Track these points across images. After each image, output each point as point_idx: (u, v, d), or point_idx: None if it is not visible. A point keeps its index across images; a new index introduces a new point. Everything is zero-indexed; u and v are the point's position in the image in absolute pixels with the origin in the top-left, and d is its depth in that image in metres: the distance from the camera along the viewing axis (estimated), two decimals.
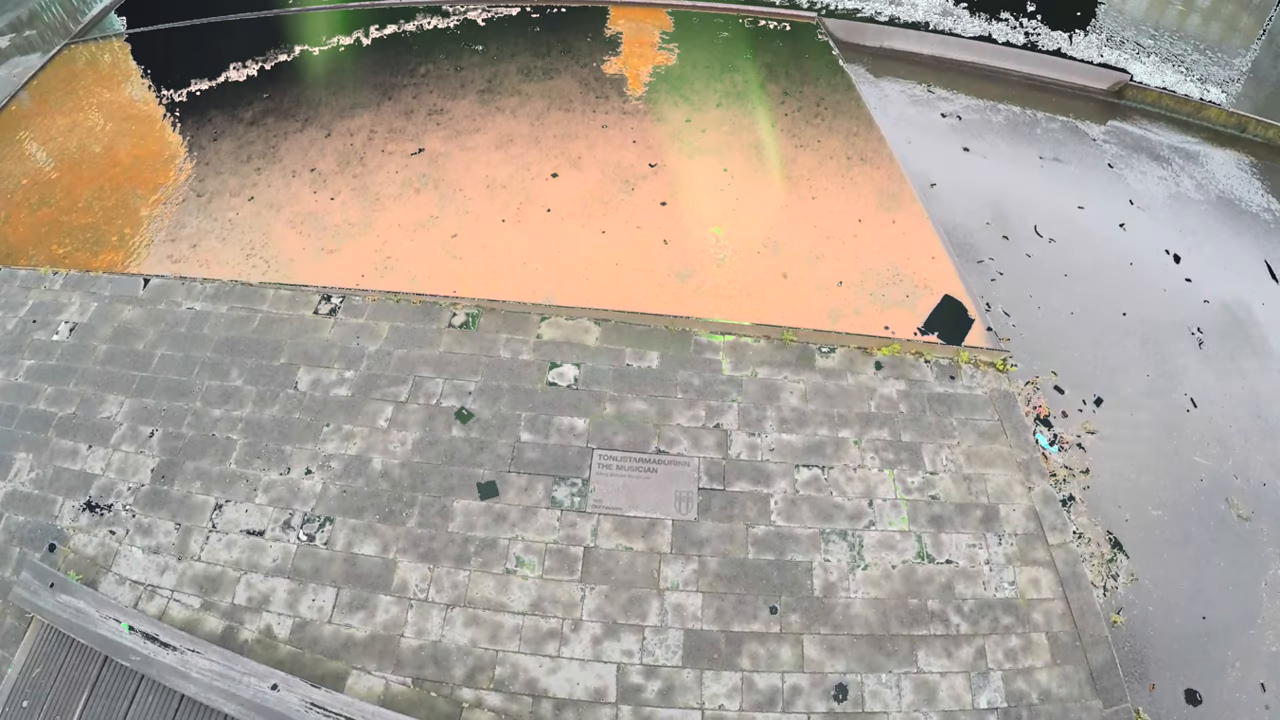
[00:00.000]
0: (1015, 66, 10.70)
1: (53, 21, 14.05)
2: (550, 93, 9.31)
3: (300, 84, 9.98)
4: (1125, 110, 10.39)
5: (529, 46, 10.26)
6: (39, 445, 6.04)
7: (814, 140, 8.73)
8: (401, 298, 6.62)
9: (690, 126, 8.75)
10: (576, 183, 7.90)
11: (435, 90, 9.43)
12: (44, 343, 6.77)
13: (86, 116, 10.25)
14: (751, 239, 7.28)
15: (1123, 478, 5.97)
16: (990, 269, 7.47)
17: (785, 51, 10.31)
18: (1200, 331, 7.14)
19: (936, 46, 10.78)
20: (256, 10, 11.99)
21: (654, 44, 10.61)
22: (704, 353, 6.25)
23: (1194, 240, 8.22)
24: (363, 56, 10.48)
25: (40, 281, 7.37)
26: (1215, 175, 9.47)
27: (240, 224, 7.70)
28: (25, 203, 8.64)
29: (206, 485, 5.63)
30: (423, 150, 8.39)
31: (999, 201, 8.32)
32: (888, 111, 9.43)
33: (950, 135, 9.32)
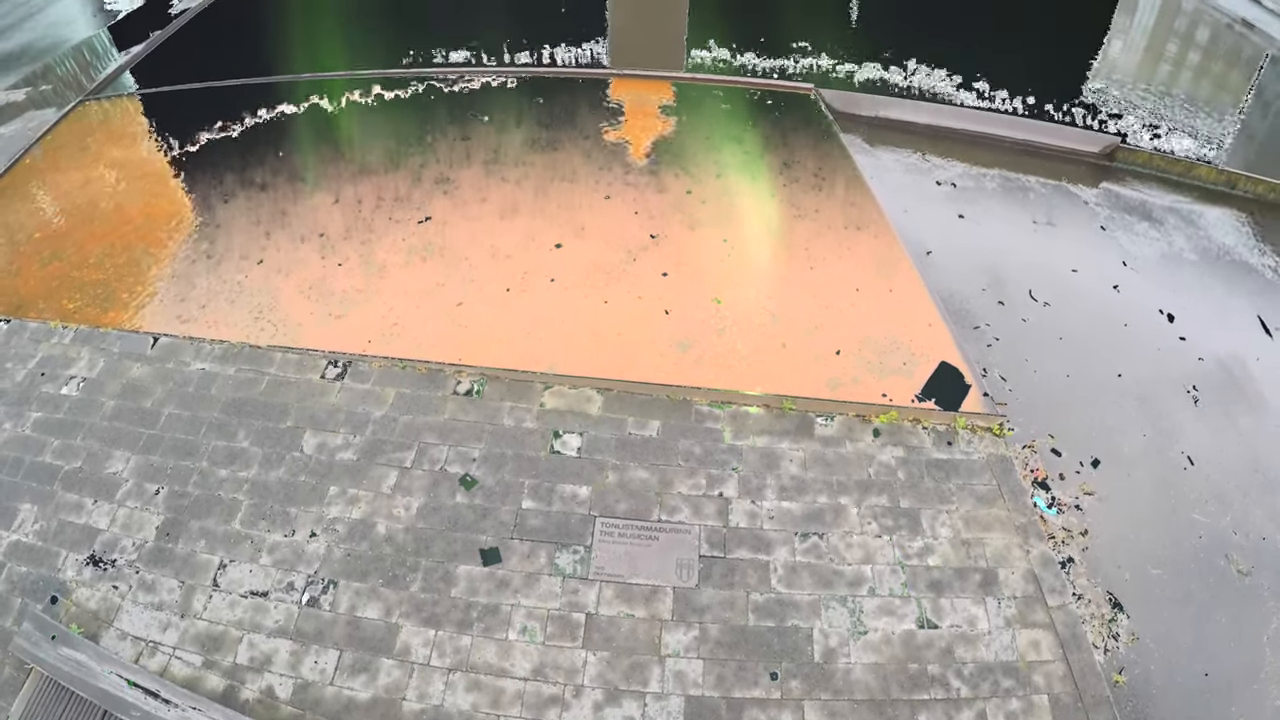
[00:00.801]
0: (1008, 133, 10.97)
1: (67, 77, 14.33)
2: (554, 163, 9.56)
3: (310, 149, 10.23)
4: (1117, 172, 10.66)
5: (534, 117, 10.55)
6: (44, 498, 6.11)
7: (812, 210, 8.96)
8: (407, 364, 6.75)
9: (690, 198, 8.98)
10: (580, 253, 8.10)
11: (442, 159, 9.68)
12: (52, 396, 6.87)
13: (99, 173, 10.45)
14: (751, 309, 7.45)
15: (1121, 538, 6.05)
16: (986, 335, 7.63)
17: (783, 122, 10.62)
18: (1196, 389, 7.28)
19: (930, 115, 11.08)
20: (269, 75, 12.30)
21: (655, 115, 10.91)
22: (705, 422, 6.39)
23: (1187, 299, 8.40)
24: (372, 124, 10.76)
25: (50, 335, 7.48)
26: (1207, 233, 9.67)
27: (249, 287, 7.86)
28: (37, 256, 8.78)
29: (211, 544, 5.70)
30: (429, 219, 8.60)
31: (994, 267, 8.51)
32: (884, 180, 9.66)
33: (945, 203, 9.56)
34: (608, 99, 11.26)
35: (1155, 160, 10.74)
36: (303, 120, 11.07)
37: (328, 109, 11.17)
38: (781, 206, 8.97)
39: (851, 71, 12.54)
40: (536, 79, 11.60)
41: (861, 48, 14.22)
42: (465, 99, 11.02)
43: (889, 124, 11.01)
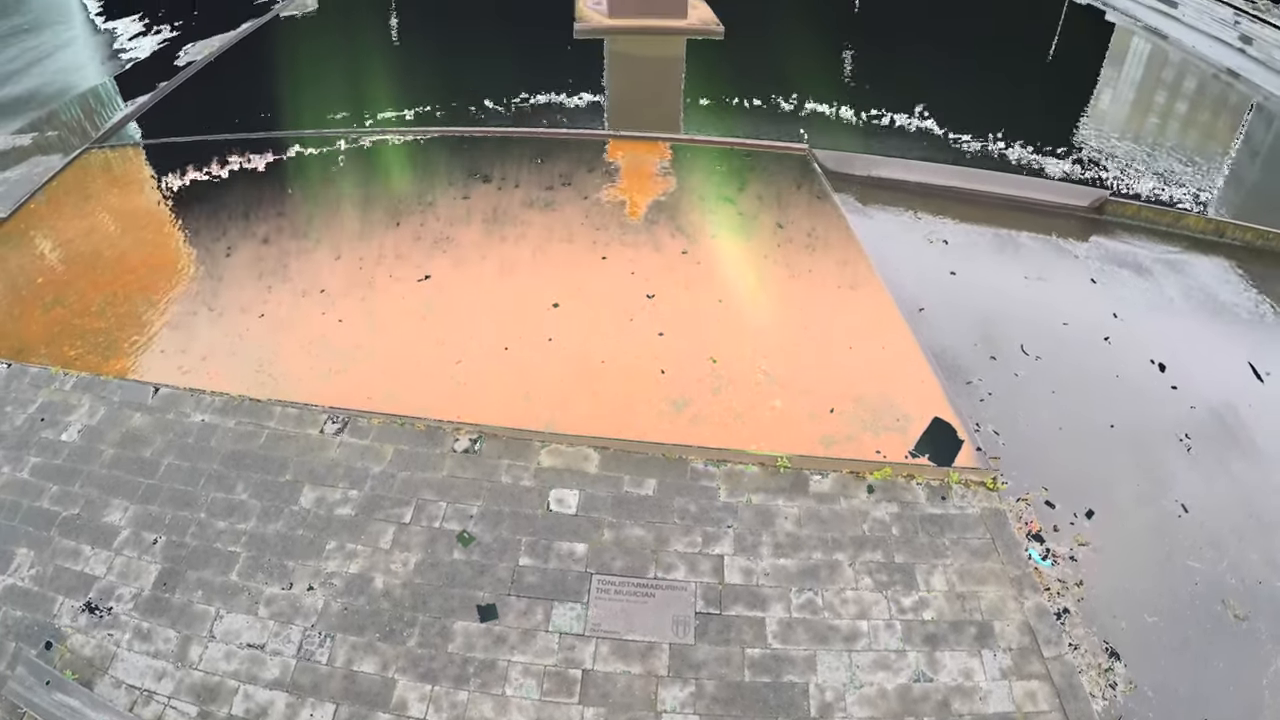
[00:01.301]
0: (999, 189, 11.25)
1: (73, 124, 14.54)
2: (552, 223, 9.77)
3: (314, 205, 10.41)
4: (1106, 225, 10.91)
5: (533, 177, 10.78)
6: (41, 543, 6.14)
7: (805, 270, 9.16)
8: (406, 421, 6.84)
9: (686, 258, 9.18)
10: (577, 313, 8.25)
11: (442, 218, 9.88)
12: (51, 441, 6.92)
13: (103, 221, 10.59)
14: (746, 368, 7.59)
15: (1117, 587, 6.10)
16: (979, 389, 7.77)
17: (777, 182, 10.89)
18: (1188, 437, 7.40)
19: (922, 174, 11.36)
20: (273, 129, 12.51)
21: (652, 176, 11.16)
22: (700, 480, 6.49)
23: (1178, 348, 8.57)
24: (374, 182, 10.96)
25: (50, 381, 7.56)
26: (1197, 282, 9.87)
27: (250, 340, 7.97)
28: (39, 301, 8.89)
29: (208, 595, 5.74)
30: (429, 277, 8.76)
31: (986, 322, 8.69)
32: (876, 239, 9.88)
33: (937, 260, 9.78)
34: (605, 159, 11.51)
35: (1144, 212, 10.98)
36: (305, 175, 11.27)
37: (331, 165, 11.38)
38: (775, 266, 9.17)
39: (845, 131, 12.86)
40: (536, 139, 11.86)
41: (854, 108, 14.61)
42: (466, 159, 11.24)
43: (881, 183, 11.29)
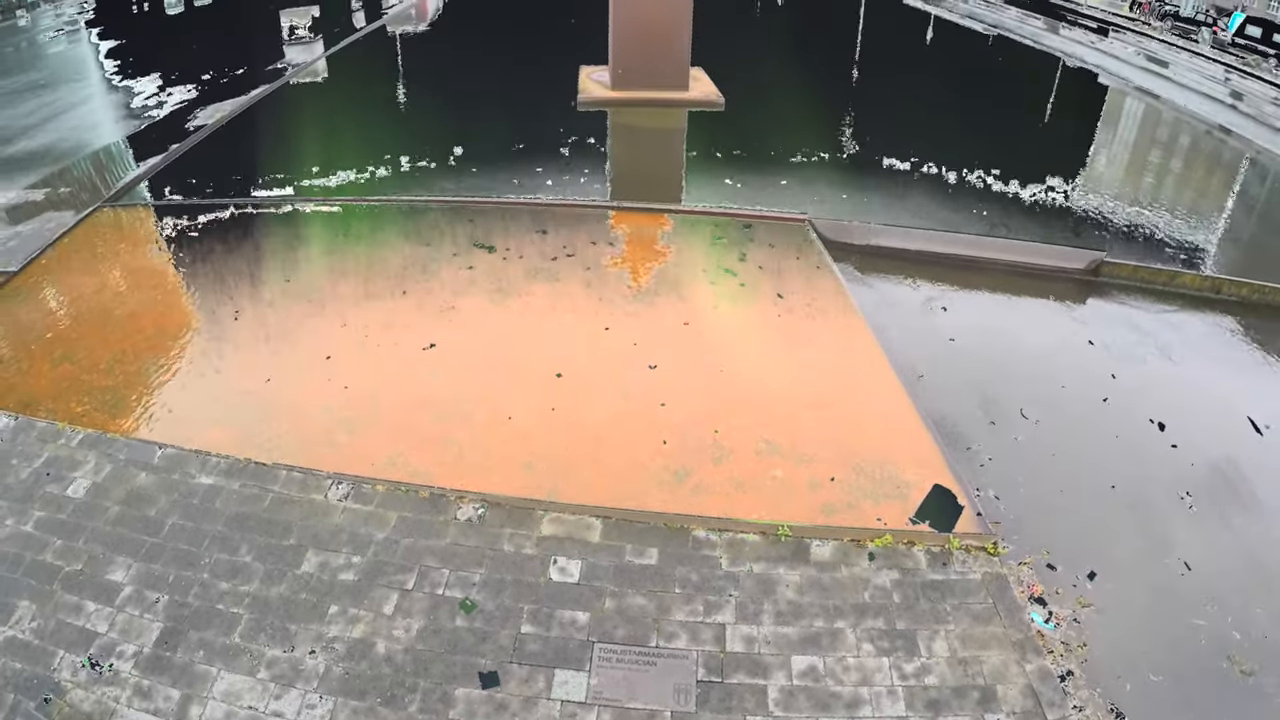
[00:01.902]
0: (996, 255, 11.53)
1: (86, 181, 14.78)
2: (556, 293, 9.95)
3: (320, 270, 10.58)
4: (1103, 286, 11.20)
5: (536, 247, 10.98)
6: (43, 596, 6.15)
7: (806, 340, 9.34)
8: (409, 489, 6.92)
9: (688, 329, 9.34)
10: (580, 383, 8.38)
11: (447, 286, 10.06)
12: (56, 496, 6.97)
13: (113, 279, 10.75)
14: (747, 438, 7.69)
15: (1121, 648, 6.11)
16: (979, 455, 7.88)
17: (777, 252, 11.12)
18: (1189, 495, 7.52)
19: (920, 241, 11.64)
20: (283, 195, 12.74)
21: (654, 246, 11.39)
22: (702, 549, 6.55)
23: (1177, 406, 8.71)
24: (380, 248, 11.16)
25: (57, 436, 7.63)
26: (1194, 339, 10.14)
27: (256, 404, 8.07)
28: (48, 356, 9.01)
29: (209, 656, 5.76)
30: (434, 345, 8.90)
31: (985, 388, 8.85)
32: (876, 308, 10.09)
33: (936, 327, 10.00)
34: (608, 230, 11.74)
35: (1140, 272, 11.26)
36: (312, 241, 11.47)
37: (338, 231, 11.59)
38: (776, 337, 9.33)
39: (843, 198, 13.11)
40: (539, 208, 12.08)
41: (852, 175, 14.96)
42: (470, 227, 11.44)
43: (880, 251, 11.55)
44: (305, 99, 21.20)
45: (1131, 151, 21.36)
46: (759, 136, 17.22)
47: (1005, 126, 20.68)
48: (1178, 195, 16.64)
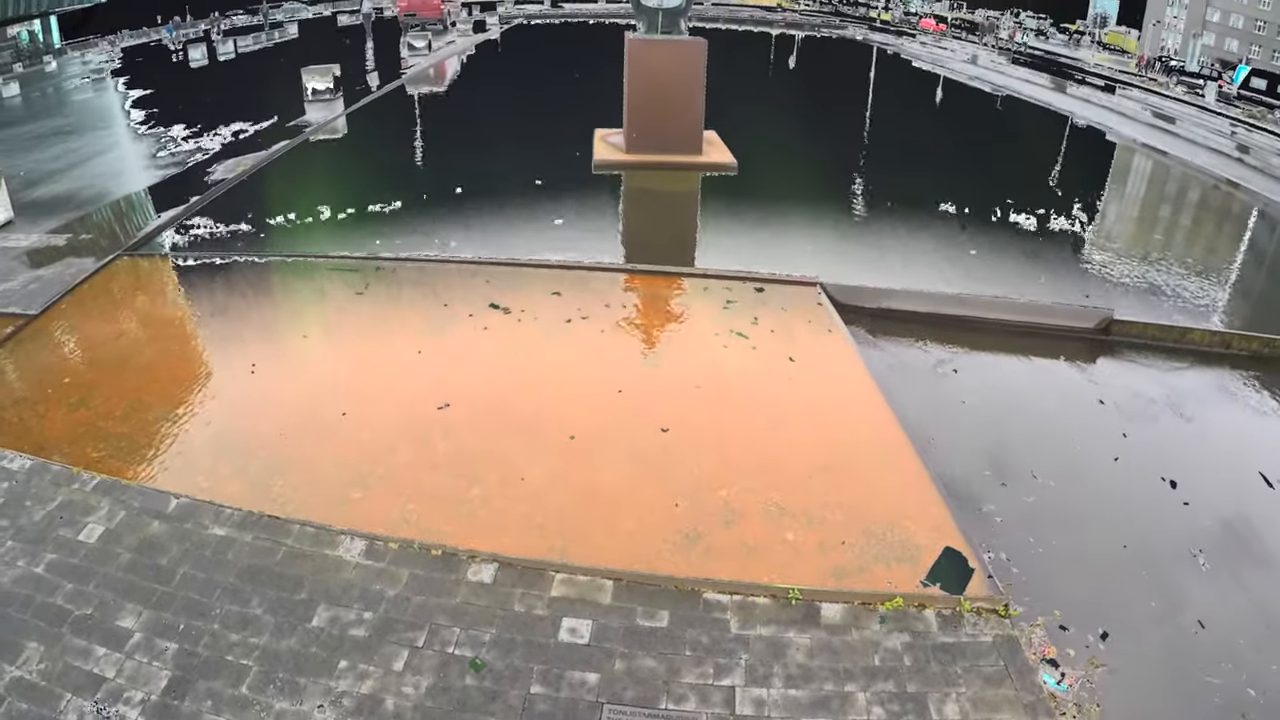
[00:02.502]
0: (1006, 316, 11.60)
1: (106, 228, 14.99)
2: (570, 356, 10.05)
3: (336, 327, 10.70)
4: (1113, 345, 11.26)
5: (551, 309, 11.09)
6: (51, 639, 6.14)
7: (817, 403, 9.38)
8: (422, 547, 6.93)
9: (700, 392, 9.40)
10: (593, 446, 8.42)
11: (462, 347, 10.20)
12: (68, 540, 7.00)
13: (131, 327, 10.89)
14: (758, 501, 7.71)
15: (1135, 708, 6.07)
16: (990, 517, 7.87)
17: (789, 315, 11.22)
18: (1201, 553, 7.49)
19: (930, 304, 11.72)
20: (299, 251, 12.89)
21: (667, 309, 11.51)
22: (712, 612, 6.54)
23: (1188, 463, 8.77)
24: (396, 306, 11.29)
25: (71, 480, 7.67)
26: (1204, 395, 10.18)
27: (272, 459, 8.11)
28: (64, 401, 9.10)
29: (217, 706, 5.74)
30: (448, 405, 8.95)
31: (996, 450, 8.88)
32: (887, 371, 10.13)
33: (947, 389, 10.06)
34: (622, 292, 11.86)
35: (1149, 330, 11.33)
36: (329, 297, 11.58)
37: (356, 289, 11.70)
38: (788, 400, 9.36)
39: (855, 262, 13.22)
40: (554, 270, 12.21)
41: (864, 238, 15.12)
42: (485, 288, 11.56)
43: (891, 314, 11.63)
44: (324, 155, 21.56)
45: (1140, 208, 21.65)
46: (772, 198, 17.45)
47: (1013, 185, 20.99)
48: (1186, 251, 16.84)
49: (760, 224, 15.63)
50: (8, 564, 6.83)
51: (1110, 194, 22.50)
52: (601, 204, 16.71)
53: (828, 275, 12.06)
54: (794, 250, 14.09)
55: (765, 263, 12.58)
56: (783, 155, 21.47)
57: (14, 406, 9.18)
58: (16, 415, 8.98)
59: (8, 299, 11.71)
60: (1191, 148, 28.28)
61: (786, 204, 17.18)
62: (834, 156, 22.12)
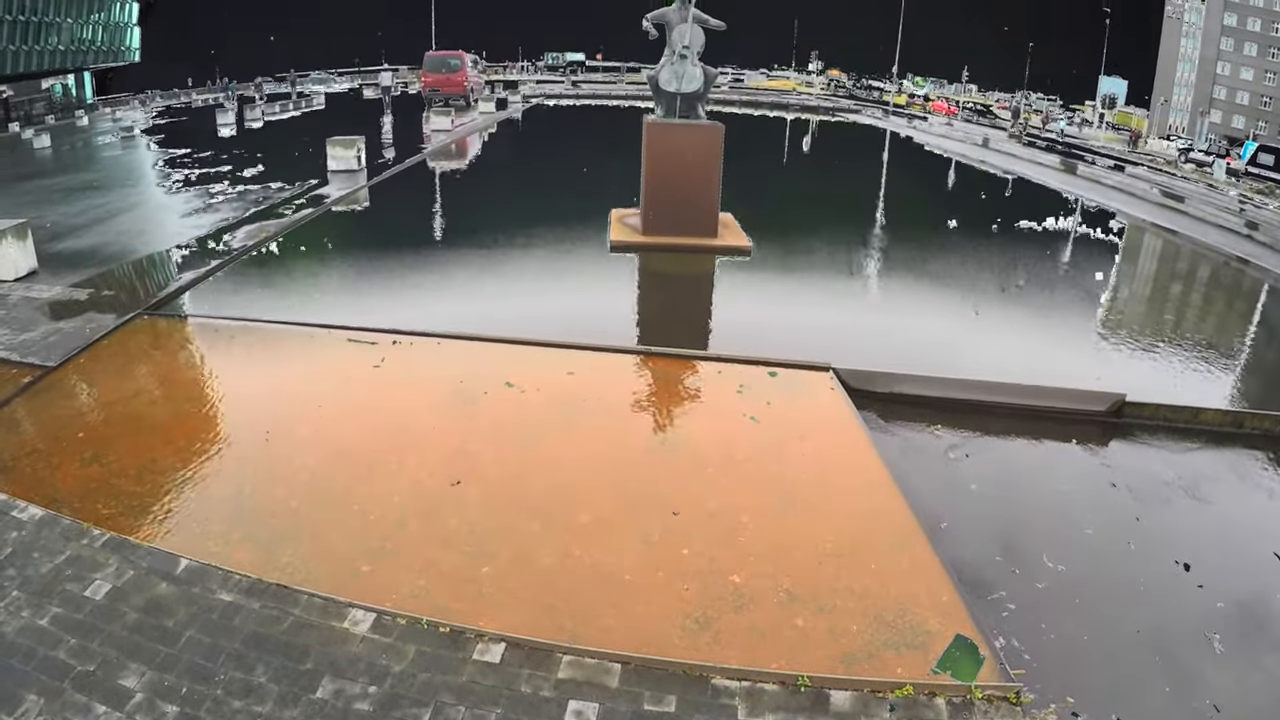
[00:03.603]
0: (1018, 399, 11.57)
1: (128, 286, 15.21)
2: (582, 437, 10.08)
3: (352, 400, 10.77)
4: (1125, 427, 11.20)
5: (564, 389, 11.18)
6: (52, 693, 6.05)
7: (828, 488, 9.35)
8: (430, 624, 6.89)
9: (711, 476, 9.41)
10: (603, 528, 8.41)
11: (477, 425, 10.23)
12: (75, 595, 6.96)
13: (148, 387, 10.97)
14: (768, 586, 7.64)
15: None
16: (1002, 603, 7.77)
17: (801, 400, 11.26)
18: (1217, 636, 7.36)
19: (942, 388, 11.73)
20: (319, 325, 13.01)
21: (679, 392, 11.57)
22: (720, 698, 6.45)
23: (1202, 545, 8.65)
24: (412, 384, 11.37)
25: (81, 535, 7.65)
26: (1218, 476, 10.09)
27: (283, 527, 8.12)
28: (78, 455, 9.15)
29: None
30: (460, 482, 8.98)
31: (1007, 535, 8.82)
32: (898, 456, 10.10)
33: (958, 474, 10.02)
34: (635, 374, 11.95)
35: (1161, 411, 11.28)
36: (346, 370, 11.68)
37: (371, 362, 11.80)
38: (799, 484, 9.35)
39: (867, 348, 13.29)
40: (569, 351, 12.30)
41: (878, 324, 15.24)
42: (496, 367, 11.67)
43: (903, 399, 11.67)
44: (346, 226, 21.91)
45: (1151, 287, 21.91)
46: (785, 282, 17.69)
47: (1023, 267, 21.30)
48: (1198, 329, 16.97)
49: (774, 308, 15.79)
50: (12, 614, 6.78)
51: (1121, 274, 22.87)
52: (617, 285, 16.88)
53: (840, 360, 12.10)
54: (807, 334, 14.21)
55: (778, 347, 12.64)
56: (796, 238, 21.88)
57: (27, 457, 9.23)
58: (30, 466, 9.03)
59: (28, 348, 11.84)
60: (1201, 226, 28.93)
61: (800, 288, 17.42)
62: (847, 240, 22.52)
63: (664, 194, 18.93)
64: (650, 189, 19.07)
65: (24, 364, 11.38)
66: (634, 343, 13.29)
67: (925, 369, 12.13)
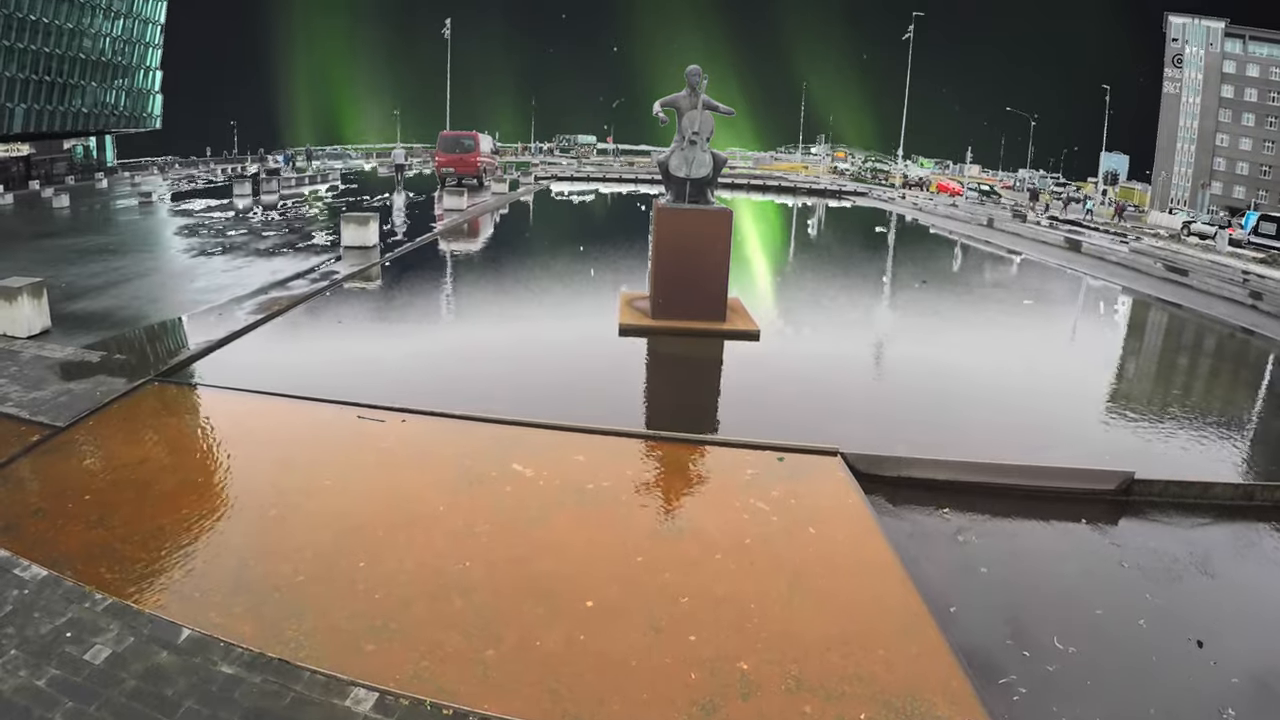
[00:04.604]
0: (1026, 481, 11.51)
1: (140, 350, 15.29)
2: (590, 521, 10.03)
3: (359, 478, 10.75)
4: (1135, 505, 11.11)
5: (572, 473, 11.15)
6: None
7: (836, 574, 9.23)
8: (434, 706, 6.77)
9: (719, 562, 9.32)
10: (610, 612, 8.31)
11: (484, 507, 10.17)
12: (74, 658, 6.87)
13: (156, 454, 10.97)
14: (776, 673, 7.51)
15: None
16: (1012, 687, 7.61)
17: (809, 485, 11.18)
18: (1232, 712, 7.21)
19: (951, 471, 11.66)
20: (328, 400, 13.05)
21: (687, 477, 11.55)
22: None
23: (1215, 620, 8.53)
24: (420, 463, 11.36)
25: (83, 599, 7.59)
26: (1229, 551, 10.00)
27: (287, 602, 8.03)
28: (84, 517, 9.13)
29: None
30: (468, 564, 8.91)
31: (1017, 618, 8.67)
32: (907, 540, 10.03)
33: (967, 557, 9.88)
34: (643, 459, 11.93)
35: (1170, 487, 11.20)
36: (354, 447, 11.69)
37: (379, 440, 11.83)
38: (807, 570, 9.24)
39: (875, 433, 13.25)
40: (577, 434, 12.29)
41: (887, 407, 15.23)
42: (505, 448, 11.66)
43: (911, 482, 11.60)
44: (356, 302, 22.09)
45: (1157, 362, 21.99)
46: (793, 365, 17.71)
47: (1028, 347, 21.49)
48: (1205, 402, 16.97)
49: (782, 392, 15.80)
50: (9, 672, 6.69)
51: (1127, 349, 23.11)
52: (625, 368, 16.94)
53: (849, 443, 12.10)
54: (815, 417, 14.21)
55: (786, 431, 12.65)
56: (804, 321, 22.03)
57: (32, 516, 9.20)
58: (34, 525, 9.00)
59: (38, 407, 11.88)
60: (1206, 299, 29.20)
61: (807, 371, 17.44)
62: (853, 322, 22.68)
63: (673, 278, 19.14)
64: (659, 273, 19.29)
65: (33, 422, 11.41)
66: (642, 426, 13.28)
67: (934, 450, 12.13)
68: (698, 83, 19.13)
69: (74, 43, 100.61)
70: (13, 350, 14.65)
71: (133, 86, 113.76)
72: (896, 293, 28.64)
